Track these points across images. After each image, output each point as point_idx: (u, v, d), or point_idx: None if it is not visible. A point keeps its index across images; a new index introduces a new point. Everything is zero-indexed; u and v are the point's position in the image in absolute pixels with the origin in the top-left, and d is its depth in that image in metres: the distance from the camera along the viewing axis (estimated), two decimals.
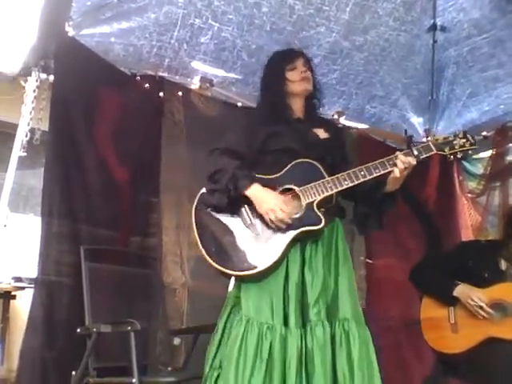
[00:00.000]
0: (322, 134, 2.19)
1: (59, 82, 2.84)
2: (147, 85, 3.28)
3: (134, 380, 2.30)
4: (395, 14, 3.13)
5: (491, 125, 3.82)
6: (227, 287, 2.14)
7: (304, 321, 1.94)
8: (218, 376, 1.93)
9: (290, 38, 3.17)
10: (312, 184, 2.01)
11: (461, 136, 2.01)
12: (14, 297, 3.58)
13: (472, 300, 2.54)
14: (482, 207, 4.00)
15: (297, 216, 1.99)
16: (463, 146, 2.00)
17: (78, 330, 2.49)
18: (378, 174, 1.99)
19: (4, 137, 3.70)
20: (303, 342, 1.90)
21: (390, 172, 2.00)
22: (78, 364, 2.47)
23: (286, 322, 1.92)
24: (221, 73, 3.41)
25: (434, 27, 3.28)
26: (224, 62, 3.33)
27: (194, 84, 3.44)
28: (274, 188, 2.03)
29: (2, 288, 3.45)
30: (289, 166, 2.06)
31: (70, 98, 2.86)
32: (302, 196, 2.01)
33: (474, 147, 2.01)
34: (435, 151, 1.99)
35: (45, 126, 2.86)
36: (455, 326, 2.59)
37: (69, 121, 2.85)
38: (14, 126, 3.07)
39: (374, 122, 3.98)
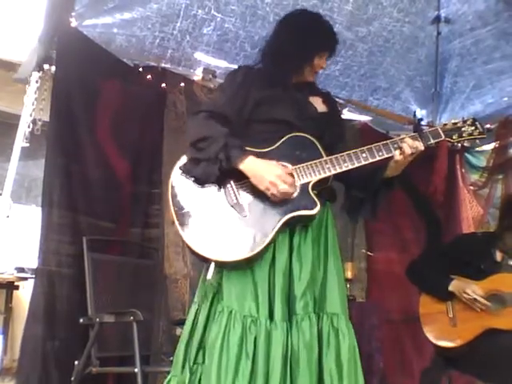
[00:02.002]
0: (319, 105, 1.98)
1: (61, 72, 2.83)
2: (149, 76, 3.27)
3: (136, 369, 2.32)
4: (399, 5, 3.11)
5: (495, 117, 3.81)
6: None
7: (290, 313, 1.75)
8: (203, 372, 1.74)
9: None
10: (308, 163, 1.80)
11: (469, 123, 1.87)
12: (16, 287, 3.60)
13: (467, 293, 2.55)
14: (483, 200, 3.99)
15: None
16: (471, 134, 1.86)
17: (81, 320, 2.51)
18: (382, 158, 1.81)
19: (7, 127, 3.70)
20: (289, 337, 1.71)
21: (392, 156, 1.81)
22: (78, 354, 2.49)
23: (271, 315, 1.72)
24: (223, 64, 3.40)
25: (438, 19, 3.27)
26: (227, 53, 3.32)
27: (197, 75, 3.43)
28: None
29: (5, 278, 3.48)
30: (283, 139, 1.83)
31: (72, 89, 2.85)
32: (296, 175, 1.78)
33: (482, 136, 1.88)
34: (444, 137, 1.85)
35: (47, 116, 2.86)
36: (454, 319, 2.60)
37: (70, 112, 2.85)
38: (17, 117, 3.07)
39: (377, 114, 3.97)
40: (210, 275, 1.75)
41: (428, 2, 3.18)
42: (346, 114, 3.89)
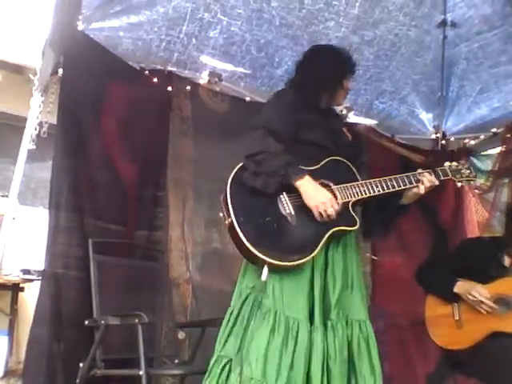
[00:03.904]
0: (346, 133, 2.24)
1: (68, 75, 2.85)
2: (156, 79, 3.27)
3: (141, 372, 2.32)
4: (405, 8, 3.11)
5: (501, 121, 3.79)
6: (231, 283, 2.12)
7: (324, 318, 1.96)
8: (226, 364, 1.92)
9: (299, 32, 3.17)
10: (348, 184, 2.03)
11: (466, 167, 2.22)
12: (22, 289, 3.60)
13: (472, 295, 2.55)
14: (489, 204, 3.98)
15: None
16: (468, 176, 2.21)
17: (86, 322, 2.51)
18: (404, 188, 2.07)
19: (14, 130, 3.72)
20: (326, 339, 1.93)
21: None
22: (84, 356, 2.49)
23: (310, 318, 1.93)
24: (229, 67, 3.41)
25: (444, 23, 3.26)
26: (233, 57, 3.33)
27: (203, 79, 3.44)
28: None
29: (11, 280, 3.48)
30: (325, 161, 2.06)
31: (79, 92, 2.87)
32: (338, 194, 2.01)
33: (475, 179, 2.27)
34: (451, 176, 2.16)
35: (53, 119, 2.87)
36: (460, 322, 2.60)
37: (77, 115, 2.86)
38: (24, 119, 3.09)
39: (383, 118, 3.97)
40: (264, 277, 1.89)
41: (434, 6, 3.17)
42: (352, 118, 3.88)
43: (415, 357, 3.76)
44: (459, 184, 2.22)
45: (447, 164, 2.18)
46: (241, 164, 1.99)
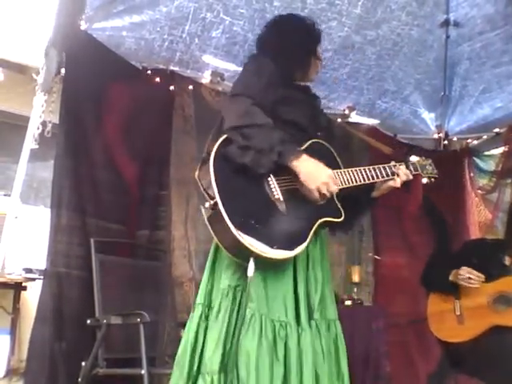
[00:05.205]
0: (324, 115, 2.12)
1: (70, 75, 2.86)
2: (158, 79, 3.29)
3: (143, 371, 2.32)
4: (408, 8, 3.10)
5: (504, 121, 3.80)
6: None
7: (309, 319, 1.80)
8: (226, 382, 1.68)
9: None
10: (334, 171, 1.82)
11: (429, 163, 2.16)
12: (24, 288, 3.61)
13: (461, 275, 2.57)
14: (492, 204, 3.98)
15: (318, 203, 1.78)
16: (432, 172, 2.15)
17: (88, 322, 2.52)
18: (382, 180, 1.96)
19: (16, 129, 3.73)
20: (313, 343, 1.77)
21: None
22: (86, 355, 2.50)
23: (297, 319, 1.77)
24: (232, 67, 3.41)
25: (447, 22, 3.26)
26: (235, 56, 3.33)
27: (205, 78, 3.45)
28: None
29: (13, 279, 3.48)
30: (308, 143, 1.87)
31: (81, 92, 2.88)
32: None
33: (436, 176, 2.17)
34: (419, 171, 2.10)
35: (56, 118, 2.88)
36: (461, 317, 2.62)
37: (79, 114, 2.87)
38: (26, 119, 3.09)
39: (386, 118, 3.97)
40: (250, 272, 1.64)
41: (437, 6, 3.17)
42: (354, 118, 3.89)
43: (416, 356, 3.77)
44: (424, 180, 2.13)
45: (415, 158, 2.11)
46: (224, 136, 1.72)
